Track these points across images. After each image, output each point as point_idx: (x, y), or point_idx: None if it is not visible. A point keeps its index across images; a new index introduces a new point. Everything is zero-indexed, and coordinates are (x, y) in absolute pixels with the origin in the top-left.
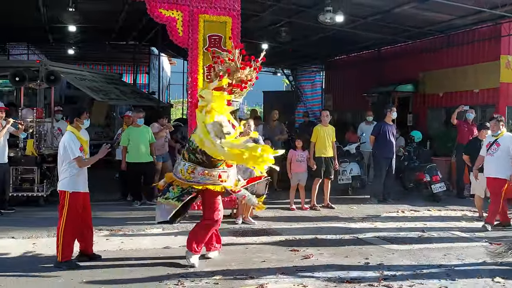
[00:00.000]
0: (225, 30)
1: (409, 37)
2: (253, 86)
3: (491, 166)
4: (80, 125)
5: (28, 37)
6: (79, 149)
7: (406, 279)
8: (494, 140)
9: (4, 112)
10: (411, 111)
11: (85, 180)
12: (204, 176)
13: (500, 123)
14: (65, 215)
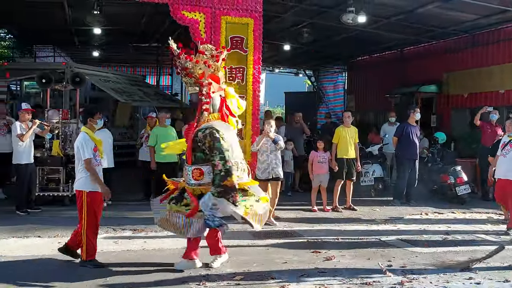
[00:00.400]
0: (247, 31)
1: (433, 37)
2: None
3: (502, 167)
4: (94, 125)
5: (54, 39)
6: (94, 149)
7: (429, 282)
8: (509, 140)
9: (30, 113)
10: (434, 112)
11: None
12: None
13: None
14: (85, 214)
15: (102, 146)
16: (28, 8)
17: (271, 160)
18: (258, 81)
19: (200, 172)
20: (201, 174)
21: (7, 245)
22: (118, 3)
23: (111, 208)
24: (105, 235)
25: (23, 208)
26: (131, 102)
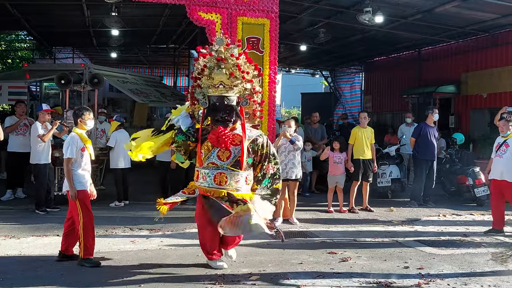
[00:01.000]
0: (263, 32)
1: (451, 36)
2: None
3: (499, 168)
4: (84, 126)
5: (74, 41)
6: (81, 149)
7: (447, 284)
8: (504, 141)
9: (50, 114)
10: (452, 112)
11: (89, 179)
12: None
13: (509, 123)
14: (80, 212)
15: (91, 146)
16: (48, 11)
17: (289, 161)
18: (274, 82)
19: (249, 178)
20: (250, 180)
21: (27, 243)
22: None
23: (128, 207)
24: (122, 235)
25: (42, 207)
26: (148, 103)
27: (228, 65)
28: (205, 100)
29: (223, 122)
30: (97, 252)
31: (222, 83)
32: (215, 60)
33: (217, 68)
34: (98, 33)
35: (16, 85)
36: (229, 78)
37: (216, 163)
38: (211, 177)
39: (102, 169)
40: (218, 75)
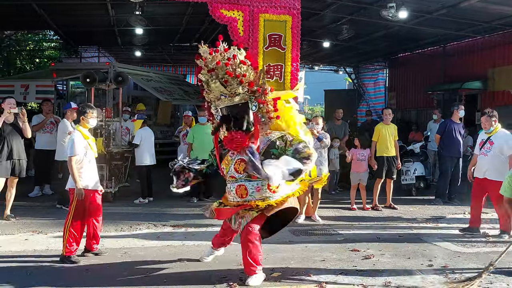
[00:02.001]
0: (285, 29)
1: (477, 32)
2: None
3: (483, 166)
4: (86, 124)
5: (99, 40)
6: (84, 147)
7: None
8: (488, 138)
9: (75, 112)
10: (479, 109)
11: (93, 178)
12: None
13: (492, 119)
14: (72, 211)
15: (94, 144)
16: (73, 10)
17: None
18: (296, 79)
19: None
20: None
21: (54, 238)
22: (159, 3)
23: (152, 204)
24: (147, 231)
25: (66, 204)
26: (172, 101)
27: (219, 74)
28: (218, 113)
29: (233, 129)
30: (121, 248)
31: (222, 93)
32: (207, 73)
33: (211, 80)
34: (123, 32)
35: (43, 84)
36: (226, 87)
37: (234, 176)
38: (233, 190)
39: (127, 166)
40: (215, 87)
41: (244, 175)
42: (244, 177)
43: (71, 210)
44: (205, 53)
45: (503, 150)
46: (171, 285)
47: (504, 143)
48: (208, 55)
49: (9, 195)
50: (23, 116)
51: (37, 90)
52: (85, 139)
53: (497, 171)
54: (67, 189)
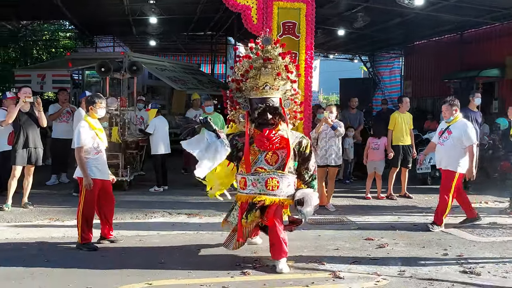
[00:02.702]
0: (299, 16)
1: (495, 18)
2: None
3: (439, 156)
4: (94, 114)
5: (114, 30)
6: (92, 137)
7: (487, 272)
8: (447, 127)
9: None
10: (496, 97)
11: (102, 167)
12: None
13: (453, 108)
14: (82, 200)
15: (104, 134)
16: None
17: (329, 147)
18: (310, 67)
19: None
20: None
21: (70, 226)
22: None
23: (167, 192)
24: (161, 219)
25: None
26: (186, 90)
27: (274, 65)
28: (247, 103)
29: (267, 125)
30: (136, 235)
31: (267, 84)
32: (261, 61)
33: (264, 69)
34: (137, 21)
35: (60, 73)
36: (275, 78)
37: (264, 167)
38: (262, 182)
39: (142, 155)
40: (264, 76)
41: (275, 167)
42: (276, 170)
43: (81, 199)
44: (267, 41)
45: (461, 141)
46: (185, 271)
47: (463, 133)
48: (271, 44)
49: (26, 183)
50: (39, 105)
51: (54, 79)
52: (92, 129)
53: (451, 161)
54: (76, 177)
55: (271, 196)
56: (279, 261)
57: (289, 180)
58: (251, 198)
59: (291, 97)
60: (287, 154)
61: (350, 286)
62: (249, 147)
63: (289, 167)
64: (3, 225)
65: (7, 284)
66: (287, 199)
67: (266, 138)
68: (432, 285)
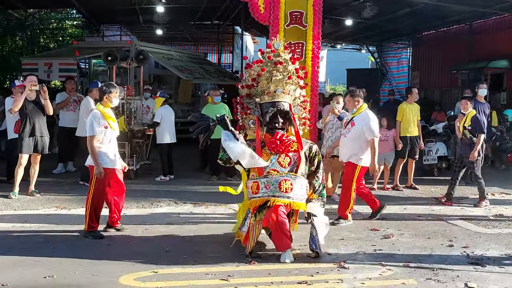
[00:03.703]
0: (307, 6)
1: (504, 9)
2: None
3: (343, 148)
4: (109, 103)
5: (121, 19)
6: (104, 126)
7: (493, 263)
8: (351, 118)
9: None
10: (504, 88)
11: (113, 156)
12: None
13: (355, 99)
14: (92, 188)
15: (115, 123)
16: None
17: (336, 137)
18: (317, 57)
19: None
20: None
21: (77, 214)
22: None
23: (173, 182)
24: (167, 208)
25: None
26: (193, 80)
27: (285, 69)
28: (257, 108)
29: (278, 129)
30: (142, 224)
31: (278, 88)
32: (273, 65)
33: (275, 72)
34: (144, 10)
35: (67, 62)
36: (286, 83)
37: (277, 170)
38: (275, 185)
39: (148, 144)
40: (276, 80)
41: (288, 169)
42: (289, 172)
43: (91, 187)
44: (279, 46)
45: (363, 133)
46: (190, 260)
47: (365, 125)
48: (282, 48)
49: (33, 171)
50: (44, 93)
51: (60, 68)
52: (105, 119)
53: (353, 153)
54: (87, 165)
55: (285, 199)
56: (284, 252)
57: (302, 182)
58: (264, 201)
59: (301, 104)
60: (299, 157)
61: (355, 276)
62: (261, 150)
63: (302, 171)
64: (10, 212)
65: (14, 272)
66: (300, 203)
67: (279, 141)
68: (437, 276)
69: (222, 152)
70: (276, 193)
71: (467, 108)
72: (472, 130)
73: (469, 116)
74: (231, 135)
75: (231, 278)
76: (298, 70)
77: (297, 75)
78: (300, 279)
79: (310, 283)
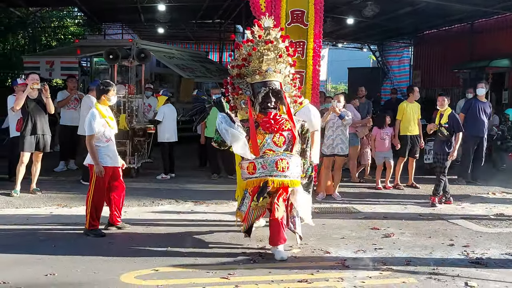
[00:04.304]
0: (308, 4)
1: (506, 8)
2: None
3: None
4: (107, 102)
5: (123, 18)
6: (102, 125)
7: (493, 262)
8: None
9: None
10: (506, 88)
11: (112, 154)
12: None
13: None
14: (92, 187)
15: (114, 122)
16: None
17: (337, 136)
18: (318, 56)
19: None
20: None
21: (78, 212)
22: None
23: (174, 180)
24: (168, 206)
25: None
26: (194, 78)
27: (276, 48)
28: (249, 88)
29: (271, 108)
30: (143, 222)
31: (270, 67)
32: (264, 43)
33: (267, 51)
34: (146, 8)
35: (68, 60)
36: (277, 61)
37: (273, 149)
38: (272, 164)
39: (150, 143)
40: (267, 59)
41: (284, 148)
42: (285, 151)
43: (91, 185)
44: (269, 23)
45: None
46: (191, 258)
47: (307, 120)
48: (272, 27)
49: (35, 169)
50: (46, 92)
51: (62, 66)
52: (103, 117)
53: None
54: (86, 164)
55: (282, 178)
56: (277, 247)
57: (297, 161)
58: (262, 181)
59: (290, 82)
60: (293, 135)
61: (355, 275)
62: (256, 131)
63: (296, 149)
64: (12, 210)
65: (16, 269)
66: (296, 180)
67: (272, 120)
68: (437, 275)
69: (217, 134)
70: (273, 172)
71: (444, 105)
72: (449, 128)
73: (445, 113)
74: (227, 117)
75: (231, 276)
76: (288, 48)
77: (287, 53)
78: (301, 277)
79: (310, 281)
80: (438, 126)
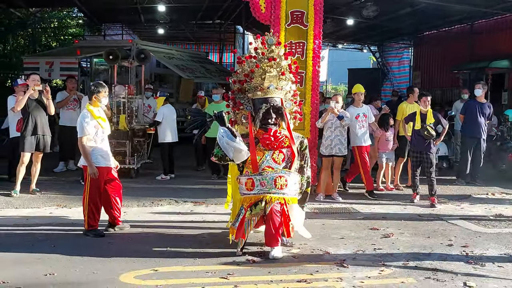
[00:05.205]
0: (308, 5)
1: (506, 9)
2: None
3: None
4: (98, 103)
5: (123, 18)
6: (94, 126)
7: (492, 263)
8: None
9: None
10: (506, 88)
11: (106, 155)
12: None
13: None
14: (88, 188)
15: (106, 123)
16: None
17: (335, 137)
18: (318, 56)
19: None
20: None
21: (77, 212)
22: None
23: (174, 181)
24: (168, 207)
25: None
26: (194, 79)
27: (279, 65)
28: (250, 104)
29: (271, 125)
30: (143, 223)
31: (272, 84)
32: (267, 60)
33: (269, 68)
34: (146, 9)
35: (68, 61)
36: (279, 79)
37: (272, 166)
38: (271, 182)
39: (149, 143)
40: (269, 76)
41: (283, 166)
42: (284, 169)
43: (87, 186)
44: (272, 41)
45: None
46: (190, 258)
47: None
48: (275, 44)
49: (34, 170)
50: (47, 93)
51: (62, 67)
52: (94, 119)
53: None
54: (80, 166)
55: (280, 195)
56: (273, 248)
57: (295, 178)
58: (259, 198)
59: (291, 98)
60: (293, 153)
61: (354, 275)
62: (255, 147)
63: (295, 166)
64: (12, 210)
65: (15, 269)
66: (294, 198)
67: (273, 137)
68: (436, 275)
69: (217, 148)
70: (271, 190)
71: (427, 105)
72: (435, 124)
73: (428, 113)
74: (228, 132)
75: (231, 276)
76: (291, 66)
77: (289, 71)
78: (300, 277)
79: (309, 281)
80: (425, 126)
